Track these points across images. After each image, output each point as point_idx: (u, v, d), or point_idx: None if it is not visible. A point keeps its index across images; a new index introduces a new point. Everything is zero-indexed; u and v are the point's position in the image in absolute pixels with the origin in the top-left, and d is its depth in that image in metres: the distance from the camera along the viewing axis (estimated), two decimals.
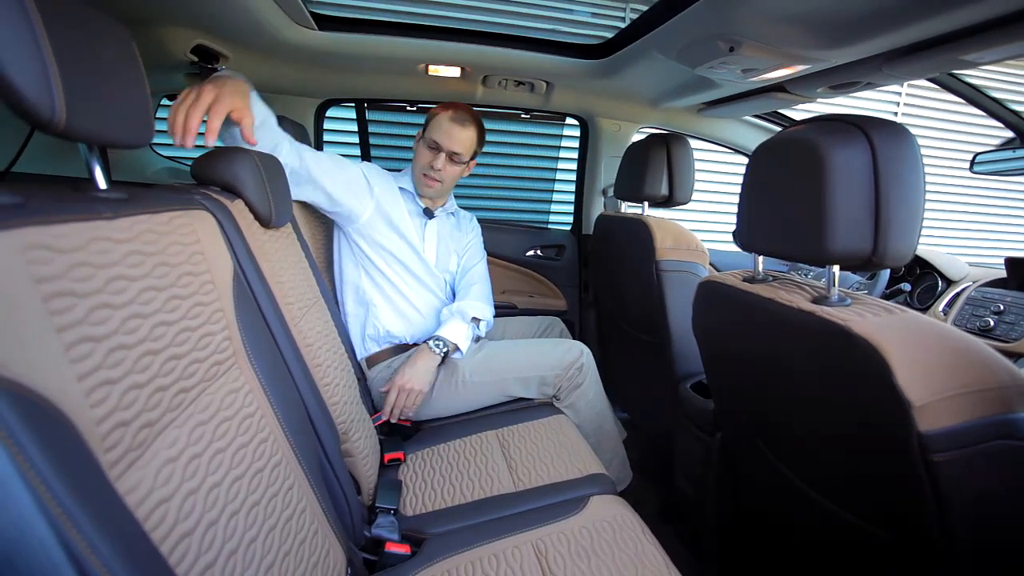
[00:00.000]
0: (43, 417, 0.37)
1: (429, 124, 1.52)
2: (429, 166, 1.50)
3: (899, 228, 0.69)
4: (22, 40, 0.42)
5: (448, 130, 1.48)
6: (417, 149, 1.54)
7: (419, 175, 1.53)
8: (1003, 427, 0.62)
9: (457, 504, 1.10)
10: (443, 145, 1.48)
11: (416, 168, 1.54)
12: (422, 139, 1.52)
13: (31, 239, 0.41)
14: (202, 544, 0.52)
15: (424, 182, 1.53)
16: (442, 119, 1.49)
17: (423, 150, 1.51)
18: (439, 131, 1.49)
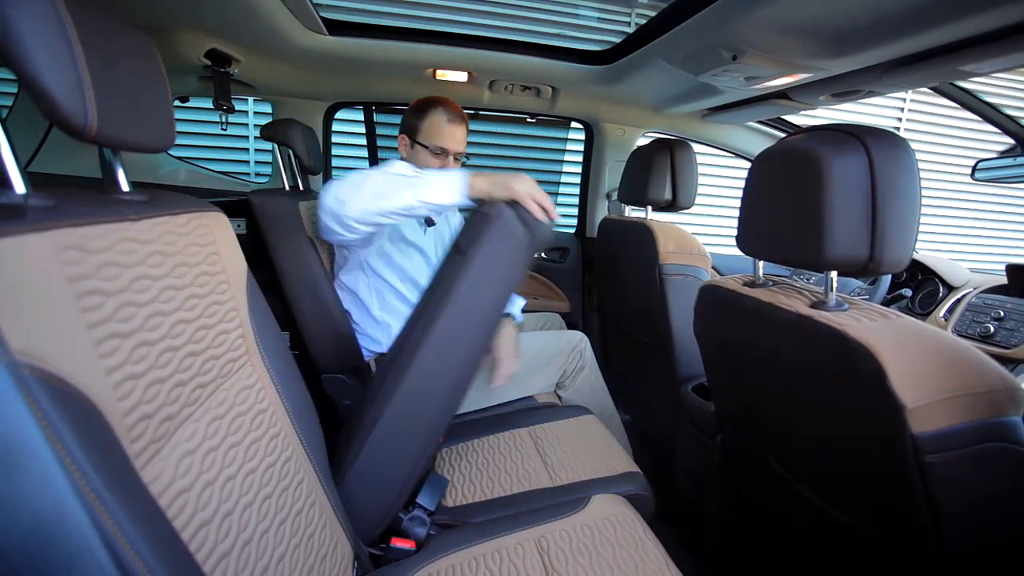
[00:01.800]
0: (78, 408, 0.39)
1: (422, 128, 1.42)
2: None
3: (895, 235, 0.71)
4: (60, 55, 0.44)
5: (451, 133, 1.43)
6: (417, 157, 1.44)
7: None
8: (993, 430, 0.63)
9: (497, 496, 1.12)
10: (450, 149, 1.43)
11: None
12: (420, 146, 1.43)
13: (65, 240, 0.44)
14: (219, 533, 0.55)
15: None
16: (439, 122, 1.41)
17: (428, 157, 1.43)
18: (442, 136, 1.42)
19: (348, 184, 1.13)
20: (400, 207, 1.09)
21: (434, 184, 1.08)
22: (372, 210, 1.11)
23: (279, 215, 1.39)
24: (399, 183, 1.09)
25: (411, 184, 1.08)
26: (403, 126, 1.47)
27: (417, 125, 1.43)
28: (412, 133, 1.44)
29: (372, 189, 1.10)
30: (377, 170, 1.17)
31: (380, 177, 1.12)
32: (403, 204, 1.09)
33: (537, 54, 1.61)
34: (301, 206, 1.41)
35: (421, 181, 1.08)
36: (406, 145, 1.46)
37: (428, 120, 1.42)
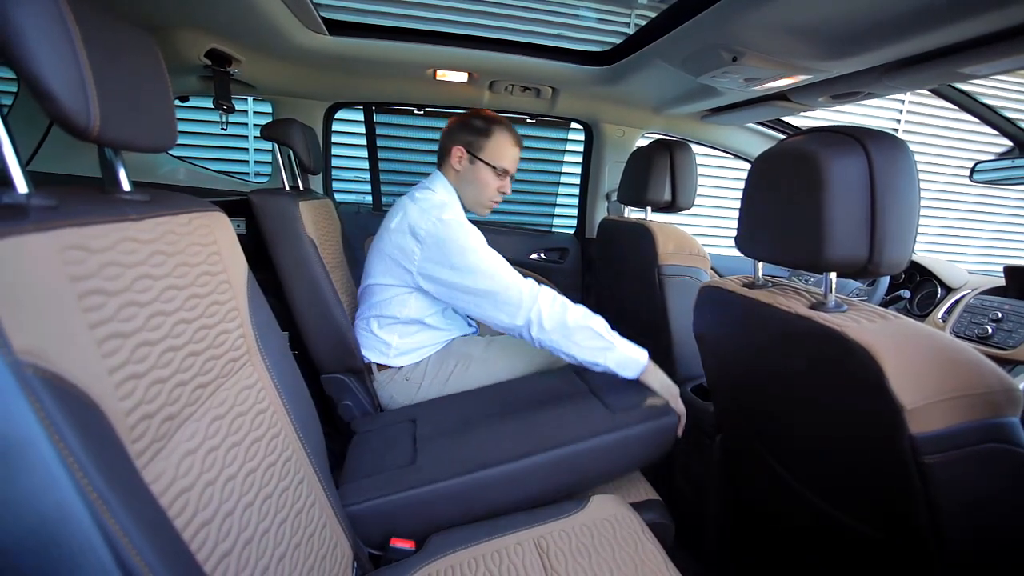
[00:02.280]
0: (80, 408, 0.40)
1: (487, 146, 1.43)
2: (500, 192, 1.48)
3: (894, 237, 0.71)
4: (63, 54, 0.44)
5: (515, 156, 1.47)
6: (477, 174, 1.44)
7: (484, 202, 1.48)
8: (991, 431, 0.64)
9: None
10: (511, 171, 1.47)
11: (480, 195, 1.47)
12: (482, 163, 1.43)
13: (68, 240, 0.44)
14: (220, 533, 0.55)
15: (488, 206, 1.50)
16: (506, 143, 1.44)
17: (490, 177, 1.44)
18: (507, 157, 1.45)
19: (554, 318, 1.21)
20: (582, 358, 1.22)
21: (621, 357, 1.22)
22: (559, 348, 1.23)
23: (279, 215, 1.39)
24: (596, 342, 1.21)
25: (604, 346, 1.21)
26: (459, 138, 1.44)
27: (480, 142, 1.43)
28: (474, 149, 1.43)
29: (569, 334, 1.21)
30: (580, 313, 1.23)
31: (583, 328, 1.21)
32: (584, 359, 1.22)
33: (537, 55, 1.62)
34: (302, 206, 1.41)
35: (613, 349, 1.21)
36: (463, 159, 1.44)
37: (495, 139, 1.43)
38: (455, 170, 1.45)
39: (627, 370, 1.22)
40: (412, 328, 1.46)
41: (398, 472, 1.07)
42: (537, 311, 1.21)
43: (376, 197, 2.39)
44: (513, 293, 1.24)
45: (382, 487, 1.04)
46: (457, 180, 1.47)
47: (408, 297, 1.42)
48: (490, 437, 1.14)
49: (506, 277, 1.26)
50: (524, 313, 1.22)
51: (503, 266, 1.28)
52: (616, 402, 1.19)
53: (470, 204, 1.49)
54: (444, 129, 1.50)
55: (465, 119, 1.46)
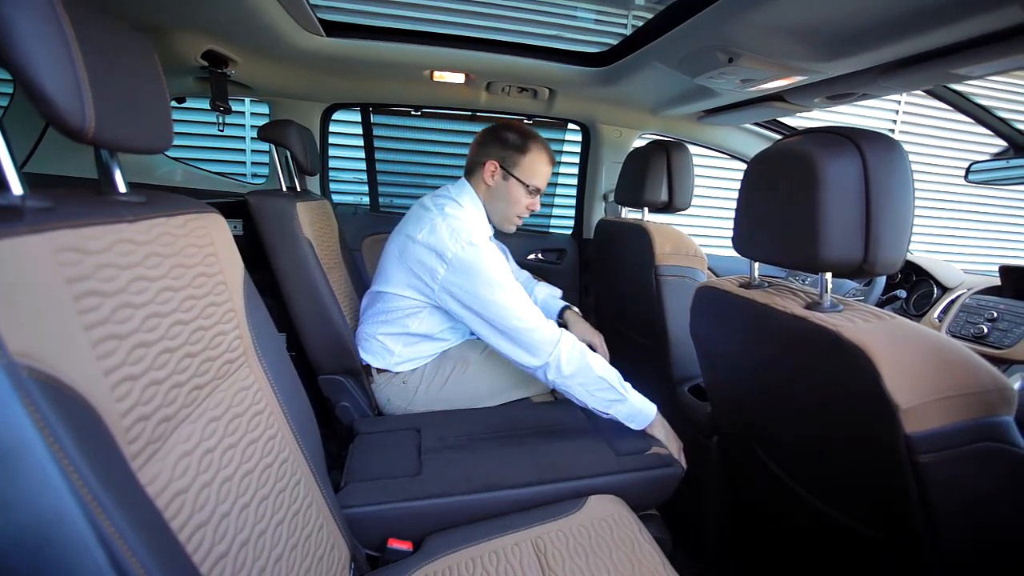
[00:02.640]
0: (75, 409, 0.40)
1: (523, 163, 1.40)
2: (528, 209, 1.47)
3: (889, 237, 0.72)
4: (58, 56, 0.44)
5: (547, 174, 1.45)
6: (509, 190, 1.41)
7: (512, 218, 1.47)
8: (986, 430, 0.64)
9: None
10: (542, 188, 1.45)
11: (509, 211, 1.45)
12: (516, 180, 1.40)
13: (63, 242, 0.44)
14: (216, 534, 0.55)
15: (516, 223, 1.49)
16: (542, 162, 1.42)
17: (521, 194, 1.42)
18: (542, 177, 1.43)
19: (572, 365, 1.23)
20: (593, 407, 1.25)
21: (631, 410, 1.24)
22: (573, 394, 1.25)
23: (276, 216, 1.38)
24: (610, 394, 1.23)
25: (616, 398, 1.23)
26: (493, 152, 1.41)
27: (516, 158, 1.40)
28: (508, 164, 1.40)
29: (586, 383, 1.23)
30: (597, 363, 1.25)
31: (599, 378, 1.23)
32: (595, 407, 1.24)
33: (534, 56, 1.62)
34: (299, 207, 1.41)
35: (624, 402, 1.23)
36: (496, 174, 1.41)
37: (531, 156, 1.40)
38: (487, 184, 1.43)
39: (634, 422, 1.25)
40: (417, 339, 1.46)
41: (403, 481, 1.08)
42: (557, 356, 1.22)
43: (373, 198, 2.39)
44: (537, 336, 1.24)
45: (385, 493, 1.04)
46: (487, 195, 1.45)
47: (423, 312, 1.40)
48: (496, 459, 1.16)
49: (531, 319, 1.25)
50: (544, 356, 1.23)
51: (527, 305, 1.27)
52: (622, 446, 1.22)
53: (497, 220, 1.47)
54: (476, 139, 1.47)
55: (499, 132, 1.42)
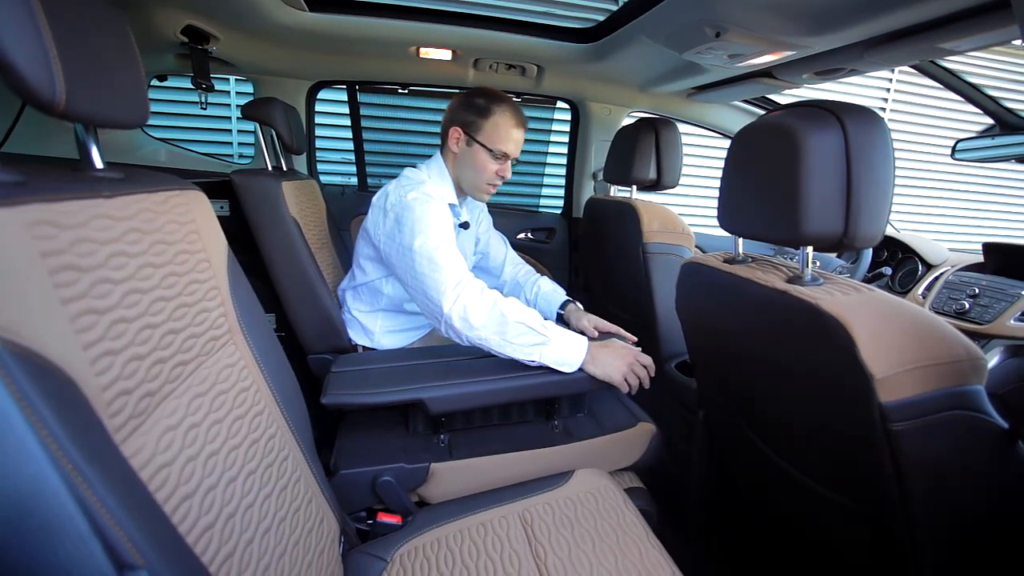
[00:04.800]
0: (53, 382, 0.40)
1: (485, 127, 1.33)
2: (499, 176, 1.38)
3: (869, 211, 0.72)
4: (24, 25, 0.44)
5: (516, 138, 1.36)
6: (474, 156, 1.35)
7: (482, 186, 1.39)
8: (957, 398, 0.65)
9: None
10: (511, 154, 1.36)
11: (477, 179, 1.37)
12: (480, 145, 1.33)
13: (36, 215, 0.43)
14: (202, 506, 0.55)
15: (487, 191, 1.41)
16: (506, 124, 1.33)
17: (488, 161, 1.34)
18: (508, 141, 1.34)
19: (482, 313, 1.12)
20: (517, 357, 1.12)
21: (557, 352, 1.11)
22: (491, 347, 1.13)
23: (263, 195, 1.37)
24: (529, 337, 1.11)
25: (539, 341, 1.11)
26: (457, 119, 1.36)
27: (478, 122, 1.33)
28: (470, 128, 1.34)
29: (502, 331, 1.12)
30: (511, 308, 1.13)
31: (515, 323, 1.11)
32: (521, 357, 1.12)
33: (522, 32, 1.60)
34: (284, 186, 1.39)
35: (548, 343, 1.11)
36: (460, 139, 1.35)
37: (493, 120, 1.33)
38: (453, 152, 1.38)
39: (565, 366, 1.12)
40: (391, 314, 1.47)
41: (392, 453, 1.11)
42: (462, 304, 1.12)
43: (361, 178, 2.36)
44: (439, 278, 1.15)
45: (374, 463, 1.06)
46: (454, 163, 1.39)
47: (384, 283, 1.41)
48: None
49: (445, 265, 1.16)
50: (448, 303, 1.13)
51: (446, 256, 1.18)
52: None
53: (468, 188, 1.42)
54: (447, 107, 1.42)
55: (466, 98, 1.37)
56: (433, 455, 1.10)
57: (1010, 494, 0.71)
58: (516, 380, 1.11)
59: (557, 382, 1.12)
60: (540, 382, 1.11)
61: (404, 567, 0.88)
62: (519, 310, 1.13)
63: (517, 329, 1.11)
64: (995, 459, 0.69)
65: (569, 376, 1.12)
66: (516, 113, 1.35)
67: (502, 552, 0.89)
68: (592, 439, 1.18)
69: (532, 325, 1.11)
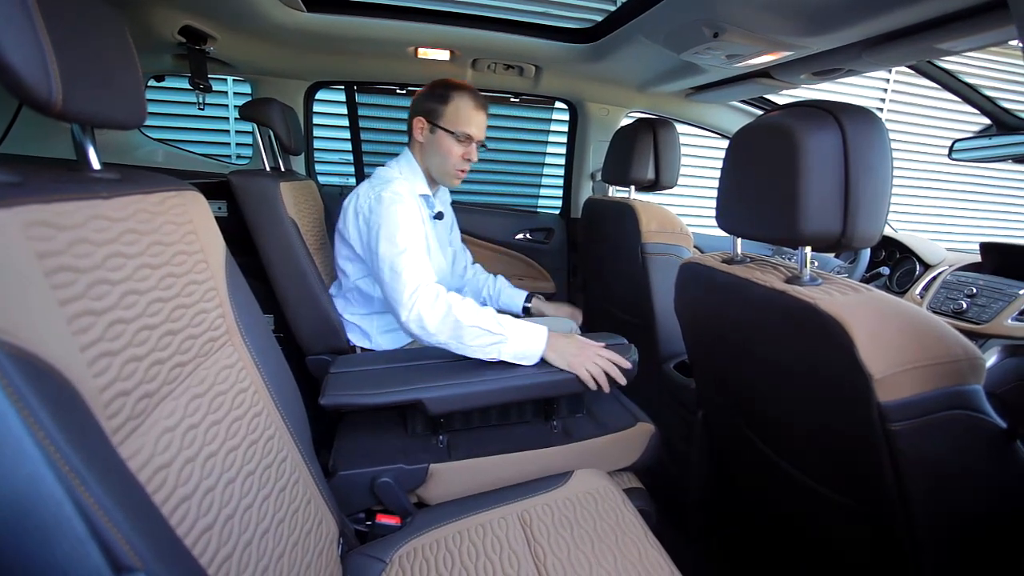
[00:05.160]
0: (50, 383, 0.39)
1: (446, 112, 1.35)
2: (465, 160, 1.38)
3: (867, 210, 0.72)
4: (20, 25, 0.43)
5: (478, 120, 1.37)
6: (439, 142, 1.36)
7: (450, 171, 1.39)
8: (955, 398, 0.66)
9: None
10: (474, 136, 1.38)
11: (445, 165, 1.38)
12: (443, 131, 1.35)
13: (33, 216, 0.43)
14: (200, 508, 0.55)
15: (457, 176, 1.41)
16: (465, 107, 1.35)
17: (452, 144, 1.36)
18: (469, 122, 1.36)
19: (436, 320, 1.15)
20: (478, 357, 1.15)
21: (516, 348, 1.14)
22: (451, 350, 1.16)
23: (260, 196, 1.37)
24: (485, 338, 1.13)
25: (495, 340, 1.13)
26: (419, 108, 1.38)
27: (439, 109, 1.35)
28: (432, 116, 1.36)
29: (458, 336, 1.14)
30: (466, 312, 1.14)
31: (470, 327, 1.13)
32: (483, 356, 1.14)
33: (520, 32, 1.60)
34: (282, 187, 1.39)
35: (506, 341, 1.13)
36: (424, 128, 1.38)
37: (453, 104, 1.35)
38: (419, 143, 1.40)
39: (526, 359, 1.14)
40: (379, 314, 1.47)
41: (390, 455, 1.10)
42: (417, 312, 1.15)
43: (359, 178, 2.36)
44: (398, 290, 1.19)
45: (373, 463, 1.06)
46: (422, 153, 1.41)
47: (371, 285, 1.42)
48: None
49: (404, 272, 1.19)
50: (405, 312, 1.17)
51: (407, 262, 1.20)
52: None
53: (438, 175, 1.43)
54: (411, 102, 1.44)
55: (427, 89, 1.39)
56: (432, 456, 1.10)
57: (1009, 493, 0.71)
58: (515, 380, 1.11)
59: (556, 382, 1.12)
60: (539, 382, 1.11)
61: (403, 568, 0.88)
62: (474, 314, 1.15)
63: (472, 333, 1.13)
64: (994, 458, 0.69)
65: (567, 376, 1.12)
66: (475, 97, 1.38)
67: (501, 553, 0.89)
68: (591, 439, 1.18)
69: (487, 327, 1.13)
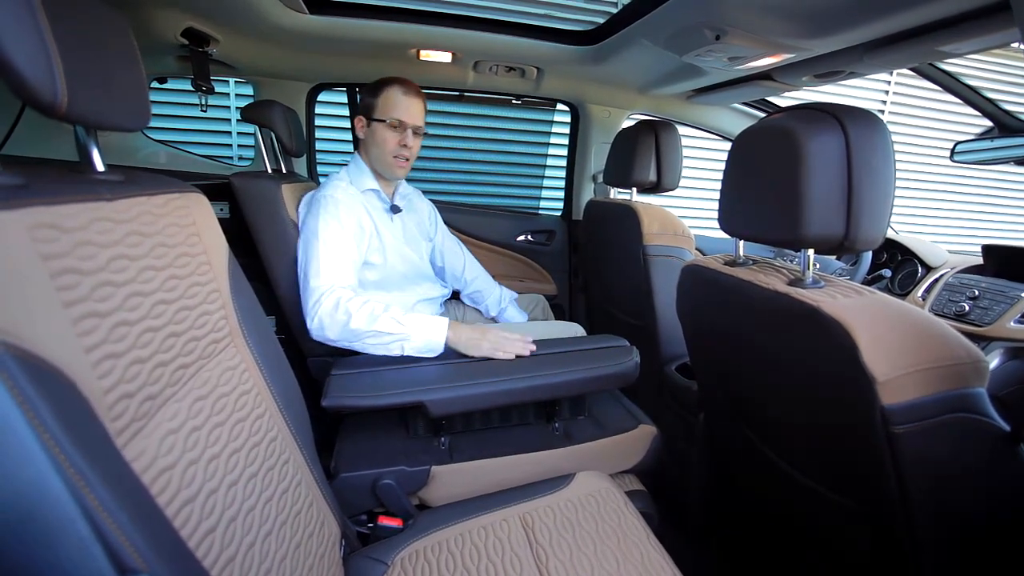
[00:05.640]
0: (55, 385, 0.40)
1: (377, 104, 1.39)
2: (401, 146, 1.40)
3: (870, 213, 0.72)
4: (26, 27, 0.44)
5: (407, 105, 1.39)
6: (375, 134, 1.40)
7: (389, 160, 1.41)
8: (959, 401, 0.65)
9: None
10: (407, 122, 1.39)
11: (383, 154, 1.40)
12: (376, 122, 1.39)
13: (37, 218, 0.43)
14: (203, 510, 0.55)
15: (397, 164, 1.42)
16: (394, 95, 1.38)
17: (386, 132, 1.38)
18: (398, 108, 1.38)
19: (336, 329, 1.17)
20: (386, 354, 1.20)
21: (419, 344, 1.18)
22: (356, 348, 1.21)
23: (261, 198, 1.37)
24: (387, 339, 1.17)
25: (397, 339, 1.17)
26: (358, 111, 1.45)
27: (372, 103, 1.40)
28: (368, 111, 1.41)
29: (360, 340, 1.18)
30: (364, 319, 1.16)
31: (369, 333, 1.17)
32: (389, 353, 1.19)
33: (522, 34, 1.60)
34: (284, 188, 1.39)
35: (408, 339, 1.18)
36: (363, 125, 1.43)
37: (383, 96, 1.39)
38: (362, 140, 1.45)
39: (431, 352, 1.19)
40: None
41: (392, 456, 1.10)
42: (319, 320, 1.18)
43: None
44: (305, 297, 1.21)
45: (374, 466, 1.06)
46: (365, 150, 1.45)
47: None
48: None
49: (310, 279, 1.21)
50: (309, 319, 1.19)
51: (317, 268, 1.22)
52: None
53: (380, 168, 1.45)
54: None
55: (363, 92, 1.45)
56: (434, 458, 1.10)
57: (1010, 496, 0.71)
58: (516, 382, 1.11)
59: (557, 384, 1.12)
60: (540, 384, 1.11)
61: (405, 570, 0.88)
62: (371, 320, 1.17)
63: (373, 338, 1.18)
64: (996, 462, 0.69)
65: (568, 378, 1.12)
66: (405, 84, 1.40)
67: (503, 555, 0.88)
68: (593, 442, 1.18)
69: (385, 330, 1.17)
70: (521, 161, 3.02)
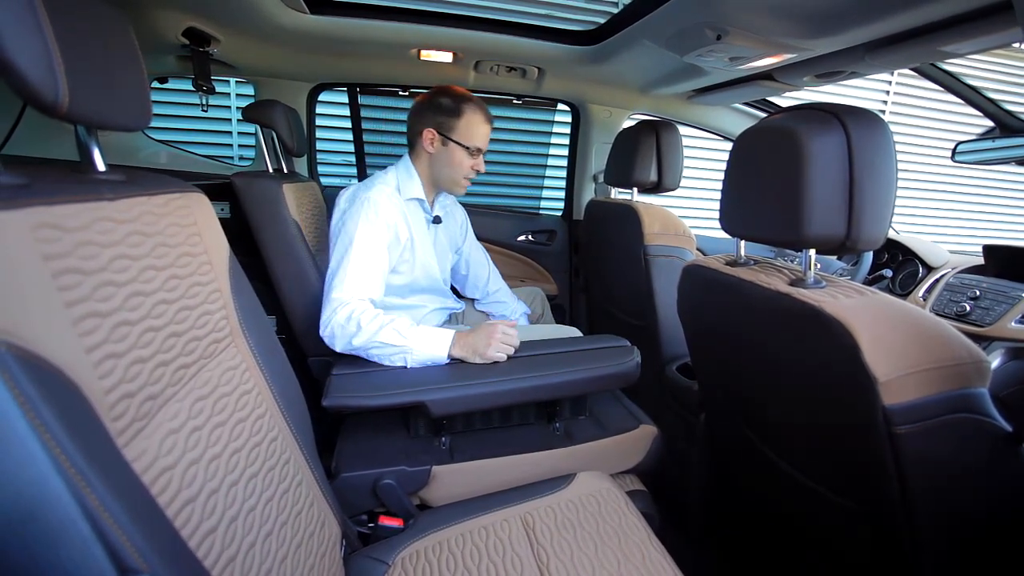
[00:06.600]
0: (56, 385, 0.40)
1: (458, 126, 1.36)
2: (474, 171, 1.42)
3: (871, 213, 0.72)
4: (27, 27, 0.44)
5: (486, 133, 1.40)
6: (451, 155, 1.38)
7: (459, 181, 1.42)
8: (960, 401, 0.65)
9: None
10: (483, 148, 1.41)
11: (455, 174, 1.40)
12: (456, 144, 1.37)
13: (39, 218, 0.43)
14: (204, 510, 0.55)
15: (464, 185, 1.43)
16: (478, 122, 1.37)
17: (463, 156, 1.38)
18: (480, 137, 1.38)
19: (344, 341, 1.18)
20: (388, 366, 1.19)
21: (422, 356, 1.17)
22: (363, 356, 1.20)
23: (263, 197, 1.37)
24: (391, 350, 1.17)
25: (400, 351, 1.16)
26: (428, 119, 1.38)
27: (450, 122, 1.36)
28: (445, 129, 1.37)
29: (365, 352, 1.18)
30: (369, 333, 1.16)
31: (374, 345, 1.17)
32: (393, 364, 1.19)
33: (523, 34, 1.60)
34: (285, 188, 1.39)
35: (411, 351, 1.17)
36: (435, 140, 1.38)
37: (466, 119, 1.36)
38: (428, 153, 1.40)
39: (435, 362, 1.19)
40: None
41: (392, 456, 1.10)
42: (331, 329, 1.19)
43: (362, 180, 2.36)
44: (325, 302, 1.22)
45: (375, 466, 1.06)
46: (430, 163, 1.42)
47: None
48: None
49: (334, 288, 1.21)
50: (322, 327, 1.20)
51: (344, 275, 1.22)
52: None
53: (446, 185, 1.45)
54: (411, 110, 1.43)
55: (433, 99, 1.39)
56: (434, 458, 1.10)
57: (1012, 496, 0.71)
58: (517, 382, 1.11)
59: (558, 384, 1.12)
60: (541, 384, 1.11)
61: (406, 570, 0.88)
62: (376, 334, 1.16)
63: (378, 350, 1.17)
64: (998, 462, 0.69)
65: (569, 378, 1.12)
66: (483, 110, 1.40)
67: (504, 555, 0.88)
68: (593, 442, 1.18)
69: (390, 342, 1.16)
70: (522, 161, 3.02)
